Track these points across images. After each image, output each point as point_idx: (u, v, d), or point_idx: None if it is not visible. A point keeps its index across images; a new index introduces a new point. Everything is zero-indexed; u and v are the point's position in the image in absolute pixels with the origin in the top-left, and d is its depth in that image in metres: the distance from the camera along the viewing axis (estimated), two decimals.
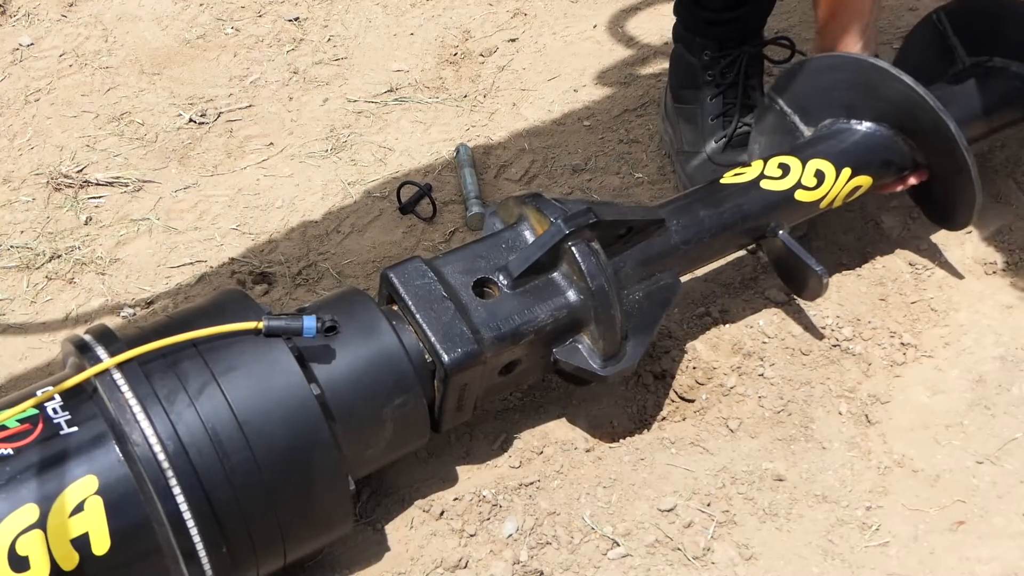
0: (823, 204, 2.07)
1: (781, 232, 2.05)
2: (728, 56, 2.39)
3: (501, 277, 1.85)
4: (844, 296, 2.17)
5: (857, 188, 2.10)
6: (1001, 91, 2.24)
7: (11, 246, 2.41)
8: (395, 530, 1.87)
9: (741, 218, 2.03)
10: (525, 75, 2.78)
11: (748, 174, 2.05)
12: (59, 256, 2.39)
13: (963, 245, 2.19)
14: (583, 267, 1.82)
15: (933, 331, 2.11)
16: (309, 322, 1.65)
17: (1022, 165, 2.39)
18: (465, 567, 1.81)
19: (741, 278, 2.24)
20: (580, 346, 1.87)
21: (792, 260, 2.07)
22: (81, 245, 2.41)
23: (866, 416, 1.99)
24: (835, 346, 2.09)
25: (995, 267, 2.20)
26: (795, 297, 2.15)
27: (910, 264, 2.22)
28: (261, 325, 1.65)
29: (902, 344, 2.08)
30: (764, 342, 2.11)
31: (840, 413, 2.00)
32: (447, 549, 1.83)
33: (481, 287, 1.85)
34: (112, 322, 1.85)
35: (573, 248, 1.82)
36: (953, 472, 1.91)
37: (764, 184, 2.04)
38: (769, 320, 2.14)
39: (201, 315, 1.70)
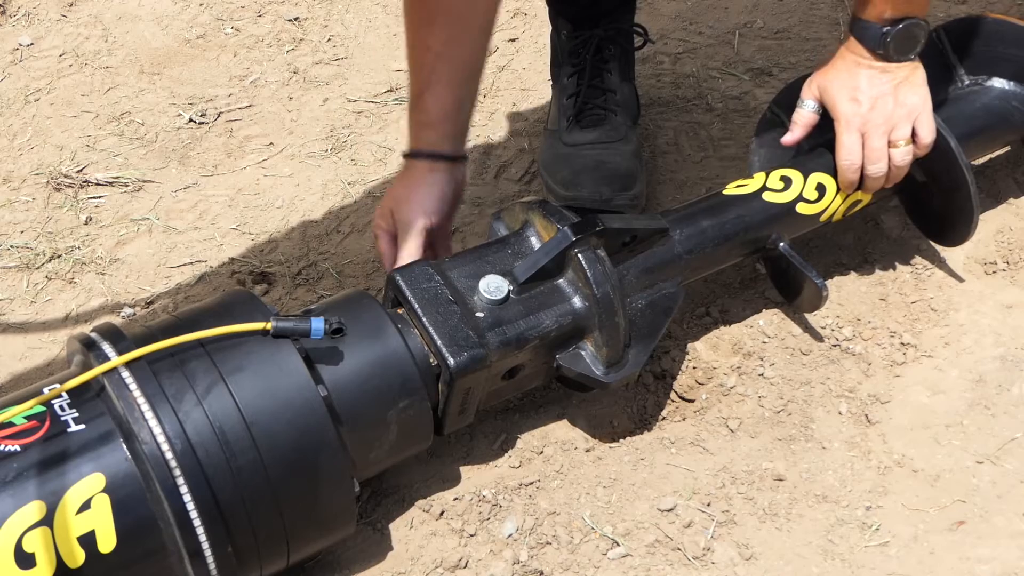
0: (823, 218, 2.08)
1: (782, 244, 2.06)
2: (579, 37, 2.44)
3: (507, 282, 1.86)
4: (844, 296, 2.17)
5: (857, 202, 2.11)
6: (999, 111, 2.24)
7: (11, 246, 2.42)
8: (395, 530, 1.87)
9: (743, 229, 2.04)
10: (525, 75, 2.78)
11: (751, 186, 2.07)
12: (59, 256, 2.39)
13: (963, 245, 2.19)
14: (589, 274, 1.82)
15: (933, 331, 2.11)
16: (317, 324, 1.65)
17: (1022, 165, 2.39)
18: (465, 567, 1.81)
19: (741, 278, 2.24)
20: (583, 352, 1.87)
21: (792, 271, 2.08)
22: (81, 245, 2.41)
23: (866, 416, 1.99)
24: (835, 346, 2.10)
25: (995, 267, 2.20)
26: None
27: (910, 264, 2.22)
28: (269, 326, 1.65)
29: (902, 344, 2.08)
30: (764, 342, 2.12)
31: (840, 413, 2.00)
32: (447, 549, 1.83)
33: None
34: (112, 322, 1.84)
35: (579, 255, 1.82)
36: (953, 472, 1.91)
37: (766, 196, 2.05)
38: (769, 320, 2.15)
39: (209, 315, 1.70)
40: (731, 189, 2.07)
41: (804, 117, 2.10)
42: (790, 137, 2.10)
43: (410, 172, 1.98)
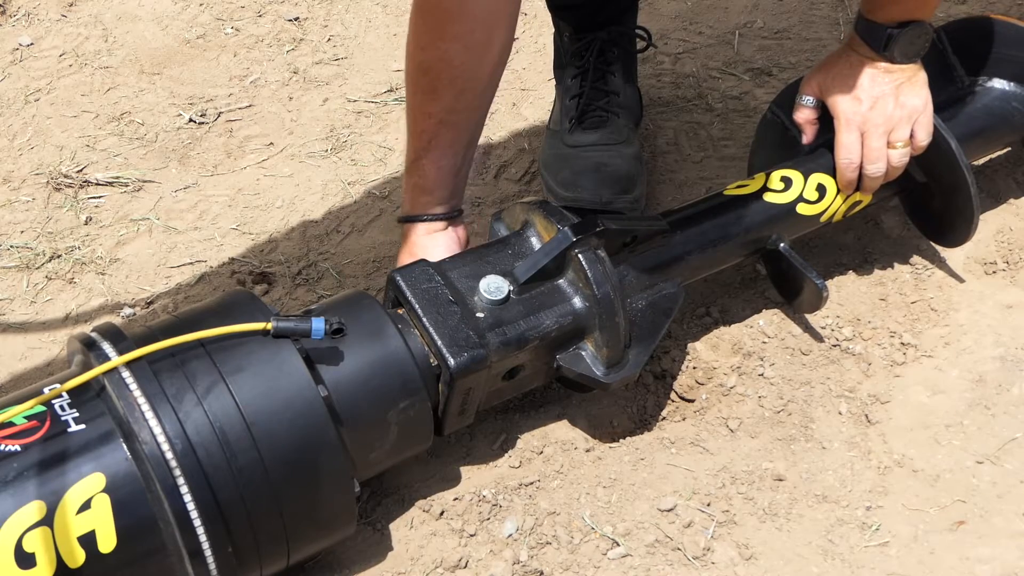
0: (823, 218, 2.09)
1: (782, 244, 2.06)
2: (582, 40, 2.44)
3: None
4: (844, 296, 2.17)
5: (857, 203, 2.11)
6: (999, 112, 2.24)
7: (11, 246, 2.42)
8: (395, 530, 1.87)
9: (744, 229, 2.04)
10: (525, 75, 2.78)
11: (752, 186, 2.07)
12: (59, 256, 2.39)
13: (963, 245, 2.19)
14: (589, 275, 1.82)
15: (933, 331, 2.11)
16: (317, 324, 1.65)
17: (1022, 165, 2.39)
18: (465, 567, 1.81)
19: (741, 278, 2.24)
20: (584, 353, 1.87)
21: (792, 272, 2.08)
22: (81, 245, 2.41)
23: (866, 416, 1.99)
24: (835, 346, 2.10)
25: (995, 267, 2.20)
26: None
27: (910, 264, 2.22)
28: (270, 326, 1.65)
29: (902, 344, 2.08)
30: (764, 342, 2.12)
31: (840, 413, 2.00)
32: (447, 549, 1.83)
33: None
34: (112, 322, 1.84)
35: (580, 255, 1.83)
36: (953, 472, 1.91)
37: (767, 197, 2.05)
38: (769, 320, 2.15)
39: (209, 315, 1.70)
40: (731, 190, 2.07)
41: (806, 115, 2.10)
42: (806, 140, 2.12)
43: (410, 237, 1.99)
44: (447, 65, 1.89)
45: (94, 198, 2.52)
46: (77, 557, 1.51)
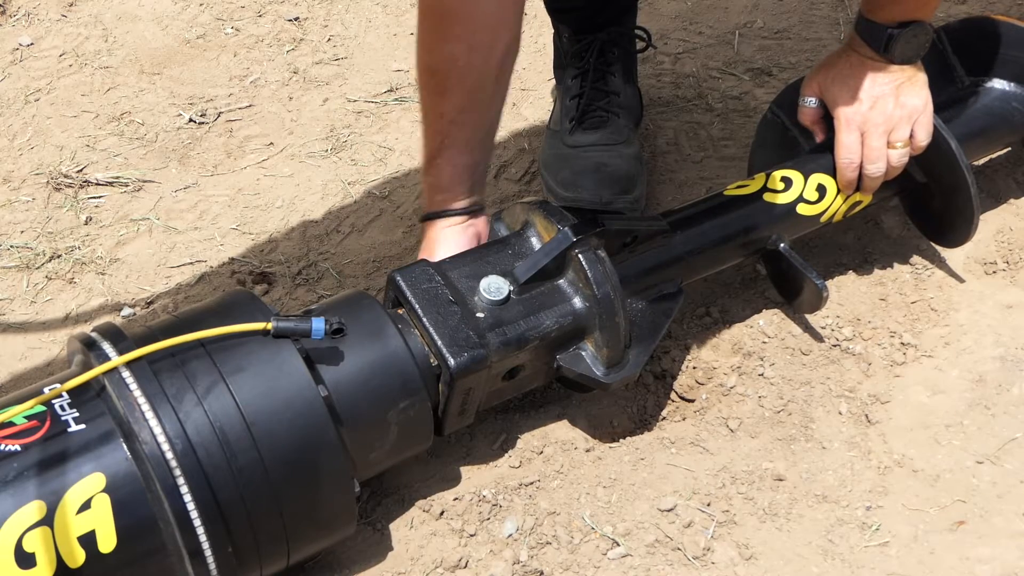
0: (824, 218, 2.09)
1: (782, 244, 2.06)
2: (582, 41, 2.45)
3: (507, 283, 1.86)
4: (844, 296, 2.17)
5: (857, 203, 2.11)
6: (999, 112, 2.24)
7: (11, 246, 2.42)
8: (395, 530, 1.87)
9: (744, 229, 2.04)
10: (525, 75, 2.78)
11: (752, 187, 2.07)
12: (59, 256, 2.39)
13: (963, 245, 2.19)
14: (589, 275, 1.82)
15: (933, 331, 2.11)
16: (318, 324, 1.65)
17: (1022, 165, 2.39)
18: (465, 567, 1.81)
19: (741, 278, 2.24)
20: (584, 353, 1.87)
21: (792, 272, 2.08)
22: (81, 245, 2.41)
23: (866, 416, 1.99)
24: (835, 346, 2.10)
25: (995, 267, 2.20)
26: None
27: (910, 264, 2.22)
28: (270, 326, 1.65)
29: (902, 344, 2.08)
30: (764, 342, 2.12)
31: (840, 413, 2.00)
32: (447, 549, 1.83)
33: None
34: (112, 322, 1.84)
35: (580, 255, 1.82)
36: (953, 472, 1.91)
37: (767, 197, 2.05)
38: (769, 320, 2.14)
39: (209, 315, 1.70)
40: (732, 190, 2.07)
41: (811, 116, 2.11)
42: (818, 140, 2.13)
43: (427, 233, 1.99)
44: (453, 66, 1.89)
45: (94, 198, 2.52)
46: (77, 557, 1.51)
